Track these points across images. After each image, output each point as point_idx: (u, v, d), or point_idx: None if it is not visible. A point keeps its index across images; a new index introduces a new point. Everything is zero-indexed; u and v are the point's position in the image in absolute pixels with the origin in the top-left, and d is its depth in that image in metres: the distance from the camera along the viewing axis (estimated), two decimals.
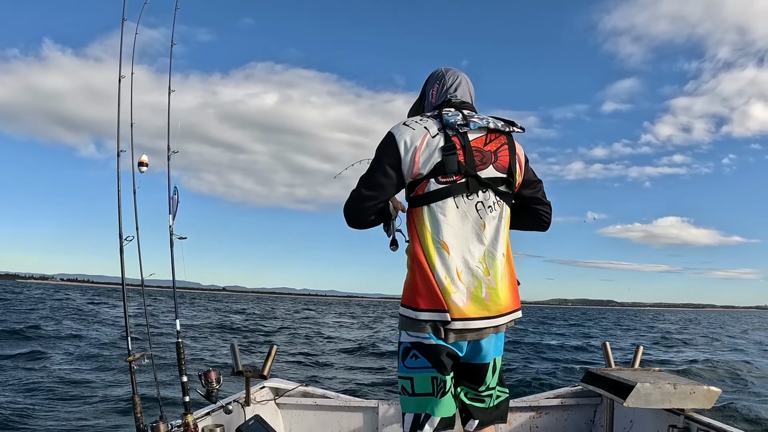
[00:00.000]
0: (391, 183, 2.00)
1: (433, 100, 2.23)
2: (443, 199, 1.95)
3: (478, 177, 1.98)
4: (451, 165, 1.95)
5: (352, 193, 2.06)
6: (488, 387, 2.08)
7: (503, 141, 2.07)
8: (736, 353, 19.02)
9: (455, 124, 1.98)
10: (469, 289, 1.93)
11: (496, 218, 2.01)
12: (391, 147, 1.99)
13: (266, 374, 3.54)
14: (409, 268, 2.02)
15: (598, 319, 53.45)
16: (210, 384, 3.33)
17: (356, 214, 2.07)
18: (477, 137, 2.02)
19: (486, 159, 2.02)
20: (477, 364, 2.04)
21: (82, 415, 7.56)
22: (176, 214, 3.40)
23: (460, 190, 1.96)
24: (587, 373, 3.73)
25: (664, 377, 3.34)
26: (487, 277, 1.96)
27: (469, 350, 2.00)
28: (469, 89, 2.22)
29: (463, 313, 1.91)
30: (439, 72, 2.25)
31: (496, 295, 1.96)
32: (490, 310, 1.95)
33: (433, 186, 1.96)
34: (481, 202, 1.99)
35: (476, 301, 1.93)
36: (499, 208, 2.03)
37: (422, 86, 2.34)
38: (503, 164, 2.05)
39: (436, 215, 1.95)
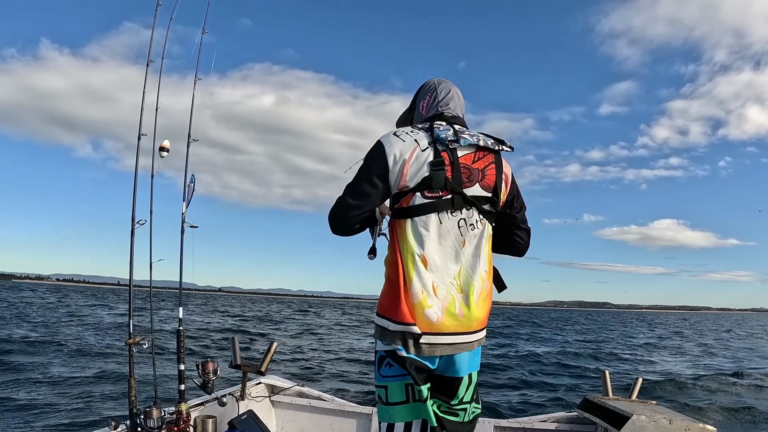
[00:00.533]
0: (377, 193, 1.99)
1: (424, 112, 2.21)
2: (427, 213, 1.94)
3: (463, 194, 1.97)
4: (438, 180, 1.93)
5: (338, 201, 2.05)
6: (461, 401, 2.06)
7: (491, 159, 2.06)
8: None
9: (446, 140, 1.96)
10: (444, 305, 1.91)
11: (477, 236, 2.00)
12: (379, 157, 1.97)
13: (264, 370, 3.55)
14: (386, 277, 2.01)
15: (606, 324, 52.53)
16: (207, 375, 3.34)
17: (341, 223, 2.07)
18: (466, 154, 2.01)
19: (473, 177, 2.01)
20: (450, 377, 2.03)
21: (77, 395, 7.60)
22: (191, 202, 3.42)
23: (444, 206, 1.95)
24: (584, 399, 3.71)
25: (660, 411, 3.32)
26: (460, 294, 1.94)
27: (441, 364, 1.99)
28: (460, 103, 2.21)
29: (436, 327, 1.90)
30: (431, 84, 2.24)
31: (468, 313, 1.94)
32: (463, 326, 1.94)
33: (418, 200, 1.95)
34: (463, 219, 1.98)
35: (450, 317, 1.92)
36: (482, 226, 2.02)
37: (413, 96, 2.32)
38: (489, 183, 2.04)
39: (418, 229, 1.94)
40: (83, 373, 9.09)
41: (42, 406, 6.97)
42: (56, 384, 8.21)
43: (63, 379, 8.58)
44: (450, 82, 2.24)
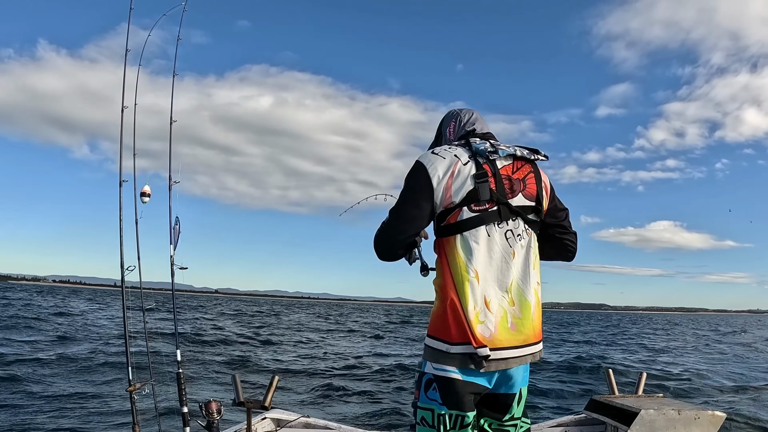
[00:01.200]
0: (423, 215, 1.97)
1: (452, 137, 2.20)
2: (476, 227, 1.92)
3: (509, 205, 1.96)
4: (484, 192, 1.92)
5: (383, 226, 2.03)
6: (513, 417, 2.03)
7: (530, 169, 2.06)
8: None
9: (485, 151, 1.96)
10: (497, 319, 1.89)
11: (525, 247, 1.99)
12: (422, 177, 1.95)
13: (268, 405, 3.51)
14: (438, 298, 1.97)
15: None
16: (211, 415, 3.31)
17: (387, 248, 2.05)
18: (505, 165, 2.01)
19: (515, 187, 2.00)
20: (503, 394, 2.00)
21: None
22: (177, 244, 3.41)
23: (492, 218, 1.93)
24: (590, 400, 3.71)
25: (668, 403, 3.32)
26: (513, 308, 1.92)
27: (496, 381, 1.96)
28: (484, 122, 2.22)
29: (490, 342, 1.86)
30: (454, 111, 2.26)
31: (522, 325, 1.92)
32: (517, 340, 1.91)
33: (465, 214, 1.92)
34: (510, 230, 1.96)
35: (504, 331, 1.89)
36: (528, 236, 2.00)
37: (437, 128, 2.32)
38: (531, 192, 2.04)
39: (469, 244, 1.91)
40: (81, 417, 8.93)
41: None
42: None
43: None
44: (473, 110, 2.26)
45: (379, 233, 2.04)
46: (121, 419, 8.43)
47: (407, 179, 2.01)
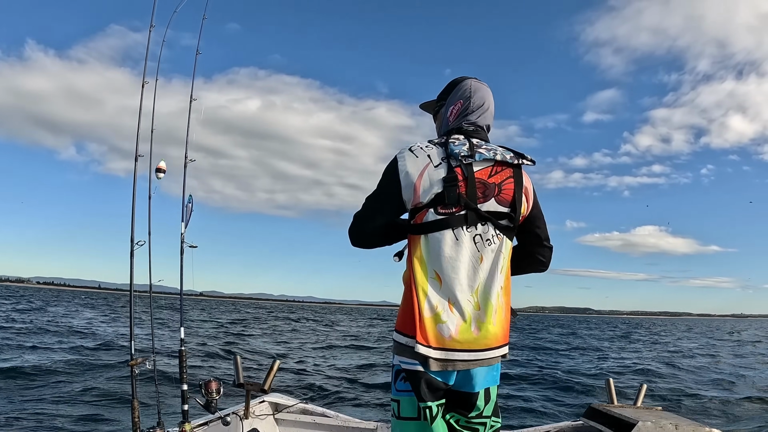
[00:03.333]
0: (389, 207, 2.00)
1: (451, 119, 2.17)
2: (441, 230, 1.92)
3: (477, 210, 1.94)
4: (450, 196, 1.91)
5: (355, 215, 2.08)
6: (480, 414, 2.04)
7: (509, 173, 2.03)
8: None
9: (459, 155, 1.94)
10: (459, 322, 1.90)
11: (494, 252, 1.97)
12: (393, 172, 1.97)
13: (267, 388, 3.54)
14: (403, 294, 2.01)
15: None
16: (210, 394, 3.33)
17: (358, 235, 2.09)
18: (482, 168, 1.98)
19: (488, 192, 1.98)
20: (466, 392, 2.01)
21: (77, 416, 7.54)
22: (189, 222, 3.43)
23: (458, 222, 1.93)
24: (589, 408, 3.70)
25: (665, 416, 3.31)
26: (477, 311, 1.92)
27: (458, 379, 1.98)
28: (491, 112, 2.18)
29: (449, 343, 1.88)
30: (467, 89, 2.16)
31: (485, 329, 1.92)
32: (479, 344, 1.92)
33: (431, 216, 1.93)
34: (479, 234, 1.95)
35: (465, 334, 1.90)
36: (499, 241, 1.98)
37: (445, 90, 2.25)
38: (506, 198, 2.00)
39: (432, 246, 1.92)
40: (83, 393, 9.02)
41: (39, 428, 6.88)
42: (55, 402, 8.13)
43: (61, 398, 8.49)
44: (485, 88, 2.18)
45: (352, 221, 2.09)
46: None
47: (384, 172, 2.03)
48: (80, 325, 24.56)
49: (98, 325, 24.77)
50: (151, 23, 3.65)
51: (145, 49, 3.63)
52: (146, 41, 3.59)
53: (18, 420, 7.15)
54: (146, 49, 3.59)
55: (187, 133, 3.65)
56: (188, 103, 3.69)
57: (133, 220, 3.36)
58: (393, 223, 2.09)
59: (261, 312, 75.28)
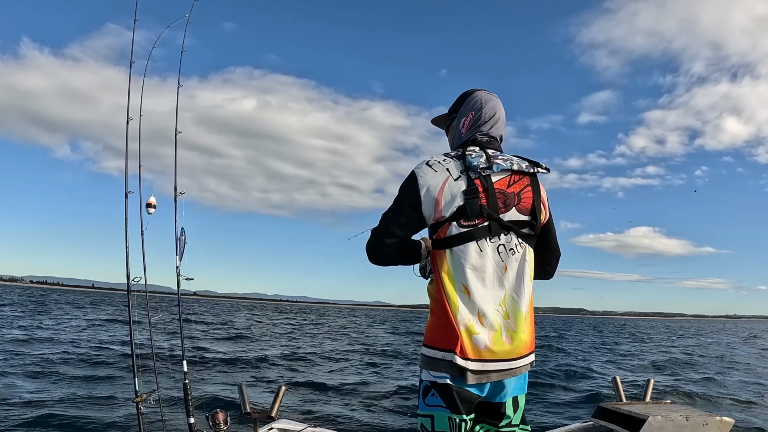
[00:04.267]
0: (411, 223, 2.00)
1: (464, 130, 2.18)
2: (465, 243, 1.93)
3: (500, 220, 1.96)
4: (473, 209, 1.92)
5: (373, 231, 2.06)
6: (510, 424, 2.05)
7: (527, 182, 2.05)
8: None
9: (478, 167, 1.96)
10: (491, 332, 1.91)
11: (518, 261, 1.99)
12: (412, 188, 1.97)
13: (274, 415, 3.51)
14: (431, 309, 2.01)
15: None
16: (217, 425, 3.31)
17: (376, 252, 2.07)
18: (500, 179, 2.00)
19: (509, 201, 2.00)
20: (498, 402, 2.02)
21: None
22: (183, 255, 3.42)
23: (482, 233, 1.94)
24: (598, 407, 3.69)
25: (675, 409, 3.31)
26: (507, 321, 1.94)
27: (489, 390, 1.98)
28: (503, 122, 2.20)
29: (485, 354, 1.89)
30: (477, 100, 2.18)
31: (516, 338, 1.94)
32: (511, 353, 1.93)
33: (455, 230, 1.93)
34: (503, 245, 1.97)
35: (498, 344, 1.91)
36: (522, 249, 2.00)
37: (456, 103, 2.27)
38: (526, 206, 2.03)
39: (458, 259, 1.93)
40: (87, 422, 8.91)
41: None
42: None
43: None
44: (496, 99, 2.20)
45: (370, 238, 2.06)
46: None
47: (401, 187, 2.03)
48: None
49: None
50: (135, 17, 3.66)
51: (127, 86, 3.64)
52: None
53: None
54: (128, 85, 3.59)
55: (175, 167, 3.65)
56: (182, 102, 3.69)
57: (127, 258, 3.36)
58: (409, 241, 2.09)
59: (258, 312, 74.63)
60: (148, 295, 3.51)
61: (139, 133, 3.57)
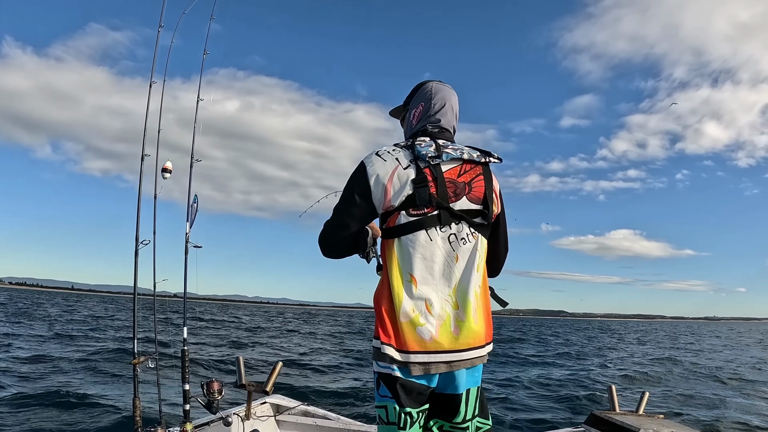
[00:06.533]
0: (362, 213, 1.98)
1: (414, 121, 2.18)
2: (414, 231, 1.92)
3: (450, 209, 1.95)
4: (421, 197, 1.91)
5: (326, 224, 2.05)
6: (464, 419, 2.02)
7: (478, 171, 2.04)
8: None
9: (426, 156, 1.95)
10: (438, 322, 1.90)
11: (469, 250, 1.97)
12: (361, 178, 1.96)
13: (269, 390, 3.54)
14: (377, 300, 1.99)
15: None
16: (212, 394, 3.34)
17: (330, 245, 2.07)
18: (450, 168, 1.99)
19: (459, 190, 1.98)
20: (449, 394, 2.00)
21: (78, 416, 7.55)
22: (194, 222, 3.44)
23: (431, 222, 1.93)
24: (591, 415, 3.70)
25: (667, 425, 3.31)
26: (456, 311, 1.93)
27: (440, 381, 1.97)
28: (453, 112, 2.19)
29: (430, 345, 1.88)
30: (427, 91, 2.18)
31: (466, 328, 1.92)
32: (459, 344, 1.92)
33: (403, 218, 1.93)
34: (453, 234, 1.95)
35: (445, 335, 1.90)
36: (474, 239, 1.99)
37: (409, 95, 2.27)
38: (477, 195, 2.01)
39: (406, 248, 1.92)
40: (85, 391, 9.03)
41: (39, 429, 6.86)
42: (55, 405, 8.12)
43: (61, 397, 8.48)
44: (447, 89, 2.19)
45: (322, 231, 2.06)
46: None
47: (349, 178, 2.02)
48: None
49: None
50: (159, 23, 3.68)
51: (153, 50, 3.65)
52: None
53: (14, 414, 7.16)
54: (155, 50, 3.61)
55: (193, 134, 3.67)
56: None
57: (138, 219, 3.38)
58: (360, 230, 2.07)
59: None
60: (155, 260, 3.53)
61: (162, 96, 3.59)
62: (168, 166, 3.35)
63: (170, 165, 3.35)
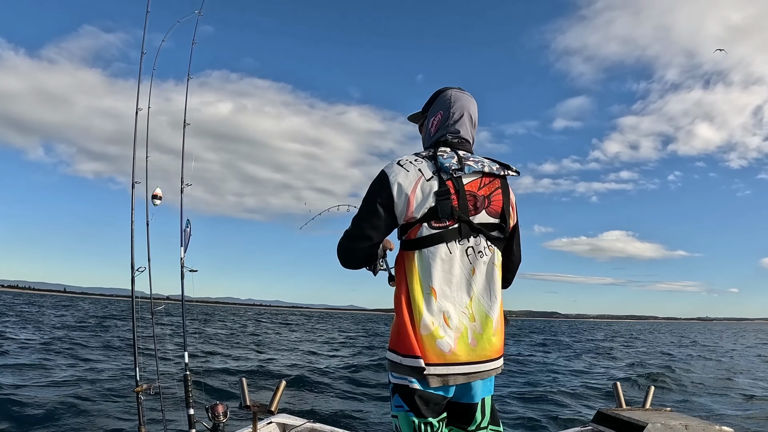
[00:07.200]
0: (383, 224, 1.97)
1: (433, 130, 2.17)
2: (435, 244, 1.92)
3: (470, 222, 1.96)
4: (444, 210, 1.91)
5: (345, 233, 2.03)
6: (479, 426, 2.04)
7: (497, 185, 2.04)
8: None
9: (450, 168, 1.94)
10: (456, 335, 1.91)
11: (486, 263, 1.98)
12: (384, 188, 1.94)
13: (274, 410, 3.52)
14: (396, 312, 1.99)
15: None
16: (217, 418, 3.32)
17: (350, 255, 2.05)
18: (471, 181, 1.99)
19: (479, 204, 1.99)
20: (465, 404, 2.02)
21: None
22: (188, 246, 3.43)
23: (452, 235, 1.93)
24: (598, 412, 3.69)
25: (675, 417, 3.30)
26: (473, 323, 1.94)
27: (457, 391, 1.98)
28: (473, 122, 2.17)
29: (449, 358, 1.89)
30: (446, 99, 2.16)
31: (483, 341, 1.94)
32: (477, 356, 1.93)
33: (425, 231, 1.92)
34: (471, 247, 1.96)
35: (463, 347, 1.91)
36: (491, 252, 2.00)
37: (428, 101, 2.25)
38: (496, 209, 2.02)
39: (426, 260, 1.92)
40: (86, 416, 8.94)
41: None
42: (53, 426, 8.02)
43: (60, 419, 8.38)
44: (466, 98, 2.17)
45: (341, 241, 2.04)
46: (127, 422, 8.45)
47: (370, 187, 2.00)
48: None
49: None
50: (142, 50, 3.68)
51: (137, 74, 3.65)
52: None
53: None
54: (138, 75, 3.60)
55: (182, 157, 3.66)
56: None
57: (132, 247, 3.37)
58: (379, 242, 2.06)
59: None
60: (152, 284, 3.52)
61: (147, 123, 3.58)
62: (158, 193, 3.35)
63: (160, 191, 3.36)
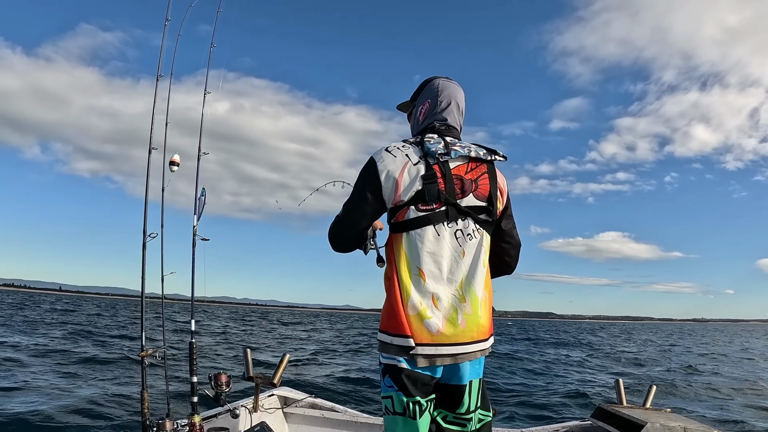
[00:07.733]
0: (373, 210, 2.04)
1: (421, 118, 2.22)
2: (422, 226, 1.97)
3: (457, 205, 2.00)
4: (431, 193, 1.96)
5: (335, 218, 2.10)
6: (468, 410, 2.06)
7: (484, 169, 2.09)
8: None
9: (436, 153, 2.00)
10: (445, 316, 1.94)
11: (475, 246, 2.02)
12: (372, 173, 2.01)
13: (276, 382, 3.56)
14: (386, 293, 2.04)
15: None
16: (219, 387, 3.36)
17: (342, 242, 2.13)
18: (458, 165, 2.04)
19: (466, 187, 2.03)
20: (453, 385, 2.04)
21: (86, 407, 7.59)
22: (201, 215, 3.45)
23: (439, 218, 1.98)
24: (598, 408, 3.69)
25: (674, 419, 3.30)
26: (463, 304, 1.97)
27: (445, 373, 2.00)
28: (460, 110, 2.22)
29: (437, 338, 1.92)
30: (434, 88, 2.22)
31: (471, 321, 1.97)
32: (465, 337, 1.96)
33: (412, 213, 1.97)
34: (460, 230, 2.00)
35: (452, 327, 1.94)
36: (479, 235, 2.04)
37: (416, 90, 2.31)
38: (483, 192, 2.06)
39: (414, 242, 1.97)
40: (92, 385, 9.09)
41: (46, 421, 6.89)
42: (61, 396, 8.17)
43: (68, 392, 8.54)
44: (453, 87, 2.22)
45: (332, 226, 2.11)
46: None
47: (359, 174, 2.07)
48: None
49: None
50: (166, 17, 3.68)
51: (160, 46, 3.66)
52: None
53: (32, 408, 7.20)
54: (161, 44, 3.61)
55: (201, 125, 3.67)
56: (202, 96, 3.70)
57: (146, 212, 3.39)
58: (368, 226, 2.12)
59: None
60: (163, 253, 3.54)
61: (169, 89, 3.59)
62: (176, 159, 3.37)
63: (178, 158, 3.37)
